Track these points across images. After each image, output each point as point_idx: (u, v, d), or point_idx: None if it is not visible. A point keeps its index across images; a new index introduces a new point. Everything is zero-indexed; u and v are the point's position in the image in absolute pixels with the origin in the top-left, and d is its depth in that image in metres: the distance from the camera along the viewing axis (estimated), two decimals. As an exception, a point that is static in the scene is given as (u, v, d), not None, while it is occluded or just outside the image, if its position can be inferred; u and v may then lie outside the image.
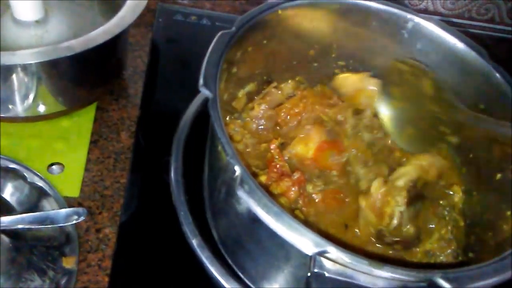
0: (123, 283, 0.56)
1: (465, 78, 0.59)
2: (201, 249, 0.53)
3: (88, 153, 0.67)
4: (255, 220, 0.42)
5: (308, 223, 0.51)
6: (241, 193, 0.39)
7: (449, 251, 0.55)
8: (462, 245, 0.56)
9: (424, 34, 0.60)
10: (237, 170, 0.40)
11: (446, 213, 0.59)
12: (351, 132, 0.59)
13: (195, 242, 0.54)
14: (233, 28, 0.50)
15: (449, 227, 0.57)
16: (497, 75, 0.57)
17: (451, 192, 0.60)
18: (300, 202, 0.53)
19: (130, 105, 0.73)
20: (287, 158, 0.55)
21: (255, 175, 0.52)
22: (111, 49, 0.68)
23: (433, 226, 0.57)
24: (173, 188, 0.57)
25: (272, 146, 0.54)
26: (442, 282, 0.38)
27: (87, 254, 0.58)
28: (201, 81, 0.45)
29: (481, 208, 0.57)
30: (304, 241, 0.39)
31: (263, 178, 0.51)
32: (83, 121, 0.69)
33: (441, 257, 0.55)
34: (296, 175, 0.52)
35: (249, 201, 0.39)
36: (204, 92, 0.44)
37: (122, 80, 0.76)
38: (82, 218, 0.57)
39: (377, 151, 0.60)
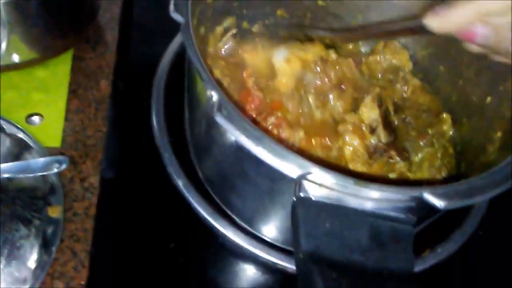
0: (110, 229, 0.55)
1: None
2: (187, 190, 0.52)
3: (68, 103, 0.65)
4: (237, 149, 0.41)
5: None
6: (219, 119, 0.37)
7: (439, 177, 0.54)
8: (454, 173, 0.56)
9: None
10: (214, 95, 0.38)
11: (435, 141, 0.58)
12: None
13: (180, 183, 0.53)
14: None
15: (439, 155, 0.56)
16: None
17: (440, 121, 0.59)
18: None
19: (108, 53, 0.71)
20: None
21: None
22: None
23: (422, 155, 0.56)
24: (156, 131, 0.56)
25: (245, 74, 0.52)
26: (431, 198, 0.37)
27: (72, 203, 0.57)
28: (171, 6, 0.42)
29: (471, 133, 0.56)
30: (287, 165, 0.38)
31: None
32: (60, 70, 0.67)
33: None
34: (271, 120, 0.50)
35: (228, 126, 0.37)
36: (176, 17, 0.42)
37: (98, 27, 0.73)
38: (64, 166, 0.56)
39: None
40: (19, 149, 0.59)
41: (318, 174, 0.37)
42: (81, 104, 0.65)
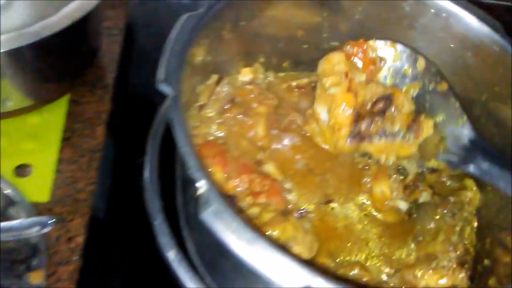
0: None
1: (477, 57, 0.49)
2: (178, 264, 0.45)
3: (60, 152, 0.59)
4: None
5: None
6: (205, 217, 0.30)
7: (454, 255, 0.46)
8: (476, 249, 0.48)
9: (428, 7, 0.50)
10: (201, 185, 0.31)
11: (456, 211, 0.50)
12: None
13: (170, 255, 0.45)
14: (201, 10, 0.41)
15: (458, 228, 0.48)
16: (514, 52, 0.47)
17: (463, 188, 0.51)
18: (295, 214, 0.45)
19: (107, 97, 0.64)
20: None
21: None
22: (79, 34, 0.59)
23: (433, 226, 0.49)
24: (148, 194, 0.49)
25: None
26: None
27: (57, 267, 0.51)
28: (160, 75, 0.36)
29: (497, 206, 0.48)
30: (286, 275, 0.31)
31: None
32: (55, 116, 0.61)
33: (444, 262, 0.47)
34: (266, 185, 0.44)
35: (215, 227, 0.30)
36: (164, 89, 0.35)
37: (98, 68, 0.67)
38: (47, 229, 0.50)
39: None
40: (4, 205, 0.53)
41: (321, 284, 0.30)
42: (74, 153, 0.59)
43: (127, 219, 0.53)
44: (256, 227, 0.38)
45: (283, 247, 0.36)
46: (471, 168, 0.46)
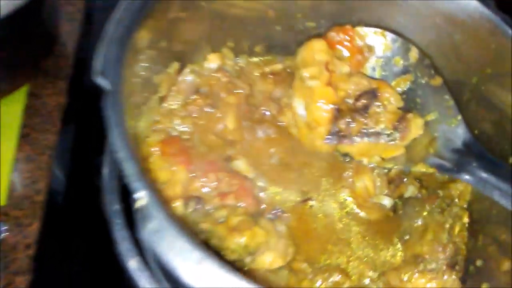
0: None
1: (467, 36, 0.44)
2: (140, 273, 0.40)
3: (18, 150, 0.54)
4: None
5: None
6: (146, 235, 0.26)
7: (443, 256, 0.42)
8: (467, 248, 0.43)
9: (414, -19, 0.44)
10: (140, 197, 0.26)
11: (445, 206, 0.45)
12: None
13: (131, 264, 0.41)
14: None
15: (447, 225, 0.44)
16: (507, 29, 0.42)
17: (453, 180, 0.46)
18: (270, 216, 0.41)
19: (68, 88, 0.59)
20: None
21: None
22: (33, 18, 0.53)
23: (421, 223, 0.44)
24: (106, 195, 0.44)
25: None
26: None
27: (14, 277, 0.46)
28: (97, 66, 0.30)
29: (491, 199, 0.43)
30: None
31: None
32: (11, 111, 0.56)
33: (432, 265, 0.42)
34: (235, 185, 0.39)
35: (157, 247, 0.25)
36: (101, 83, 0.30)
37: (59, 57, 0.61)
38: (-2, 237, 0.45)
39: None
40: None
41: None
42: (33, 151, 0.54)
43: (86, 205, 0.49)
44: (212, 240, 0.33)
45: (235, 267, 0.32)
46: (464, 176, 0.41)
